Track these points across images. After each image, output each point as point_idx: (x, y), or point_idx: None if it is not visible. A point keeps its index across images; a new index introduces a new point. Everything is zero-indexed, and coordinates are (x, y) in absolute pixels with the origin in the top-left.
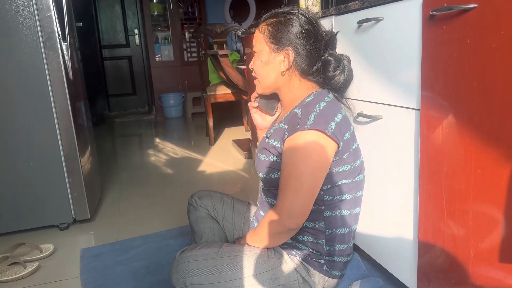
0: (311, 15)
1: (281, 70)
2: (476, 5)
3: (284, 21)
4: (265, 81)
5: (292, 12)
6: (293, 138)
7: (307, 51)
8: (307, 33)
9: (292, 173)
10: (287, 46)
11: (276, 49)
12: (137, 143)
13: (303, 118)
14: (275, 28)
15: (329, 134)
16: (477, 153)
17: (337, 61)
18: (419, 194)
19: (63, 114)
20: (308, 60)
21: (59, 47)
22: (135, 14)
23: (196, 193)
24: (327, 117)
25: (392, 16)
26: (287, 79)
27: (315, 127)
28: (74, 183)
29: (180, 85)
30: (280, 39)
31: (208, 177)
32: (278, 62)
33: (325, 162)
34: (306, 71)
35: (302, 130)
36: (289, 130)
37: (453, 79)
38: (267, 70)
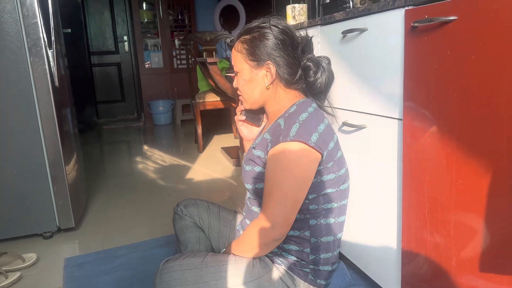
0: (283, 25)
1: (266, 85)
2: (456, 17)
3: (258, 36)
4: (251, 97)
5: (264, 26)
6: (276, 149)
7: (286, 61)
8: (283, 43)
9: (276, 184)
10: (267, 60)
11: (256, 66)
12: (125, 150)
13: (286, 129)
14: (250, 45)
15: (312, 145)
16: (458, 163)
17: (316, 64)
18: (402, 203)
19: (48, 122)
20: (289, 69)
21: (45, 54)
22: (125, 21)
23: (182, 202)
24: (309, 127)
25: (376, 27)
26: (272, 92)
27: (298, 139)
28: (58, 191)
29: (169, 92)
30: (258, 55)
31: (196, 185)
32: (261, 77)
33: (308, 173)
34: (290, 80)
35: (285, 142)
36: (273, 141)
37: (435, 90)
38: (251, 87)
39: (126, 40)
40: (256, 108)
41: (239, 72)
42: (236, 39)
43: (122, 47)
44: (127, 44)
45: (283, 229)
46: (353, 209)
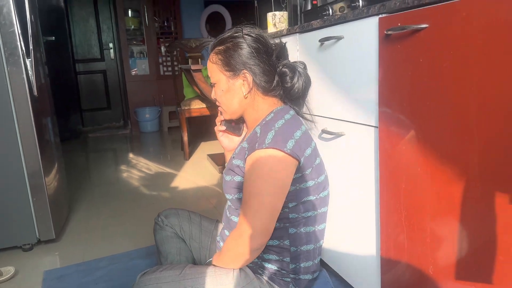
0: (256, 33)
1: (243, 94)
2: (427, 25)
3: (232, 46)
4: (230, 107)
5: (237, 35)
6: (252, 157)
7: (262, 68)
8: (257, 51)
9: (252, 192)
10: (242, 69)
11: (233, 75)
12: (110, 158)
13: (262, 137)
14: (225, 56)
15: (287, 152)
16: (432, 170)
17: (292, 70)
18: (380, 211)
19: (26, 131)
20: (266, 77)
21: (23, 63)
22: (110, 28)
23: (163, 212)
24: (285, 134)
25: (351, 34)
26: (250, 101)
27: (273, 146)
28: (38, 202)
29: (156, 99)
30: (233, 65)
31: (181, 193)
32: (238, 87)
33: (284, 180)
34: (267, 87)
35: (260, 149)
36: (249, 149)
37: (408, 98)
38: (229, 98)
39: (112, 47)
40: (236, 118)
41: (216, 83)
42: (210, 50)
43: (108, 54)
44: (112, 52)
45: (263, 239)
46: (333, 216)
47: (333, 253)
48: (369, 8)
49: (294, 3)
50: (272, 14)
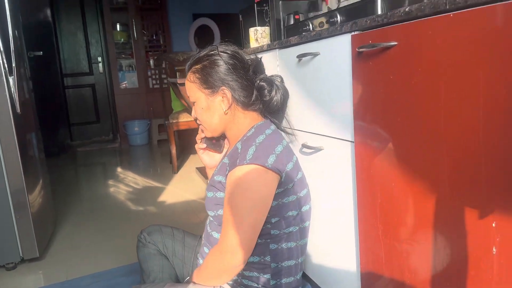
0: (232, 50)
1: (223, 110)
2: (396, 43)
3: (208, 64)
4: (211, 125)
5: (213, 53)
6: (233, 173)
7: (240, 84)
8: (234, 67)
9: (233, 208)
10: (221, 86)
11: (211, 93)
12: (99, 172)
13: (243, 153)
14: (202, 74)
15: (268, 167)
16: (405, 185)
17: (269, 84)
18: (359, 225)
19: (9, 149)
20: (244, 91)
21: (5, 81)
22: (99, 42)
23: (146, 229)
24: (266, 149)
25: (327, 51)
26: (231, 117)
27: (254, 161)
28: (21, 220)
29: (145, 112)
30: (211, 82)
31: (169, 207)
32: (217, 104)
33: (266, 196)
34: (247, 102)
35: (241, 165)
36: (230, 165)
37: (381, 113)
38: (209, 115)
39: (101, 61)
40: (218, 135)
41: (195, 102)
42: (187, 70)
43: (97, 68)
44: (101, 65)
45: (243, 255)
46: (316, 230)
47: (316, 267)
48: (342, 26)
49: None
50: (254, 29)
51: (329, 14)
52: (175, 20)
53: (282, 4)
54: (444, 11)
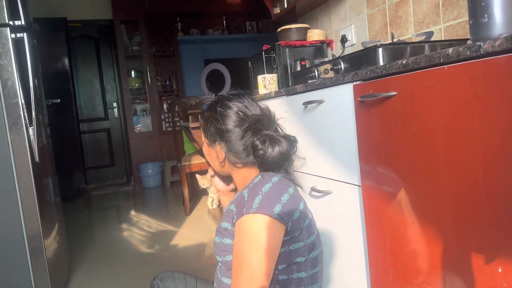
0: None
1: (219, 161)
2: (395, 92)
3: (209, 118)
4: (214, 168)
5: (214, 108)
6: (240, 222)
7: (233, 144)
8: (229, 128)
9: (243, 259)
10: (216, 141)
11: (210, 144)
12: (112, 216)
13: (249, 201)
14: (204, 125)
15: (274, 217)
16: (412, 229)
17: (263, 142)
18: (370, 269)
19: (27, 196)
20: (237, 153)
21: (25, 131)
22: (114, 88)
23: (158, 275)
24: (272, 199)
25: (331, 99)
26: (229, 167)
27: (260, 211)
28: (37, 267)
29: (158, 154)
30: (209, 136)
31: (181, 251)
32: (215, 154)
33: (274, 245)
34: (239, 161)
35: (248, 214)
36: (237, 213)
37: (385, 159)
38: (210, 159)
39: (116, 106)
40: (226, 175)
41: (203, 143)
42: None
43: (112, 113)
44: (116, 110)
45: None
46: (326, 274)
47: None
48: (344, 76)
49: (284, 63)
50: (262, 76)
51: (333, 62)
52: (187, 66)
53: (289, 51)
54: (438, 64)
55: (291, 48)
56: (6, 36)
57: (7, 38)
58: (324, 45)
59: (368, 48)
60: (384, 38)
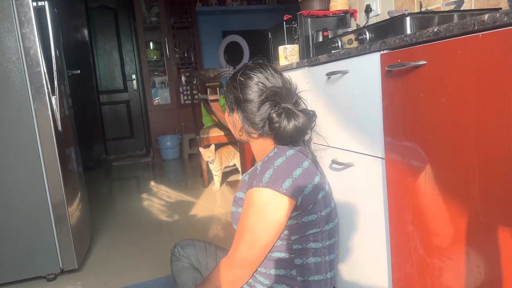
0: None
1: (237, 130)
2: (425, 62)
3: (230, 86)
4: (235, 135)
5: (236, 77)
6: (249, 193)
7: (249, 115)
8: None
9: (246, 226)
10: (234, 110)
11: (230, 112)
12: (133, 186)
13: (260, 175)
14: (226, 92)
15: (283, 192)
16: (437, 202)
17: (279, 115)
18: (390, 242)
19: (51, 165)
20: (253, 124)
21: (48, 100)
22: (133, 60)
23: (179, 243)
24: (283, 173)
25: (356, 69)
26: (247, 136)
27: (269, 186)
28: (62, 233)
29: (176, 127)
30: (228, 103)
31: (199, 221)
32: (234, 121)
33: (278, 219)
34: (255, 132)
35: (257, 187)
36: (249, 184)
37: (411, 131)
38: (231, 125)
39: (135, 78)
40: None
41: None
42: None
43: (131, 85)
44: (135, 83)
45: (249, 270)
46: (346, 245)
47: (347, 283)
48: (371, 45)
49: (306, 34)
50: (283, 47)
51: (358, 31)
52: (205, 38)
53: (311, 21)
54: (472, 32)
55: (313, 18)
56: (28, 4)
57: (28, 7)
58: (348, 15)
59: (395, 17)
60: (411, 8)
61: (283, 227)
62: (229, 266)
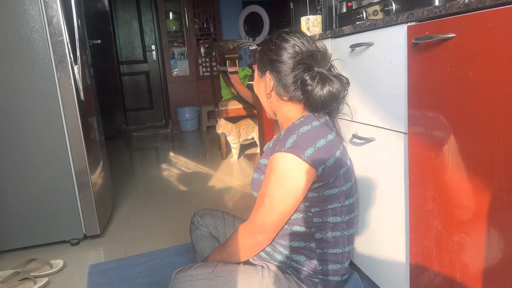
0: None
1: (266, 92)
2: (454, 34)
3: (263, 49)
4: (262, 102)
5: (270, 40)
6: (272, 158)
7: (283, 75)
8: (282, 58)
9: (267, 191)
10: (267, 70)
11: (261, 75)
12: (152, 156)
13: (283, 140)
14: (259, 55)
15: (304, 159)
16: (459, 178)
17: (313, 78)
18: (409, 217)
19: (74, 133)
20: (285, 86)
21: (71, 70)
22: (152, 31)
23: (199, 212)
24: (306, 141)
25: (381, 41)
26: (275, 101)
27: (291, 151)
28: (84, 200)
29: (195, 99)
30: (261, 63)
31: (217, 192)
32: (263, 84)
33: (299, 186)
34: (286, 94)
35: (280, 152)
36: (272, 150)
37: (436, 105)
38: (258, 90)
39: (154, 49)
40: (271, 114)
41: (255, 74)
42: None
43: (150, 56)
44: (155, 53)
45: (270, 235)
46: (364, 220)
47: (365, 257)
48: (398, 16)
49: (329, 5)
50: (306, 18)
51: (384, 2)
52: (225, 8)
53: None
54: (506, 3)
55: None
56: None
57: None
58: None
59: None
60: None
61: (303, 195)
62: (249, 231)
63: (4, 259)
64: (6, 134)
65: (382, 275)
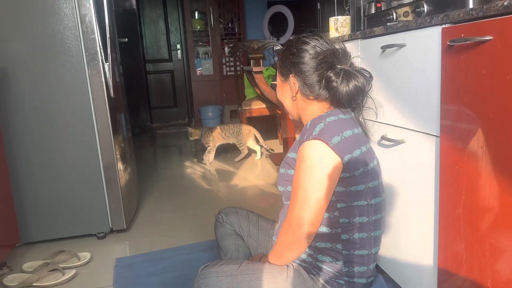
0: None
1: (291, 95)
2: (491, 37)
3: (285, 52)
4: (286, 107)
5: (291, 42)
6: (301, 149)
7: (306, 77)
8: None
9: (299, 183)
10: (291, 74)
11: (284, 78)
12: (176, 154)
13: (310, 129)
14: (281, 58)
15: (330, 145)
16: (493, 183)
17: (337, 75)
18: (439, 221)
19: (103, 129)
20: (310, 86)
21: (102, 67)
22: (178, 30)
23: (223, 210)
24: (333, 129)
25: (414, 43)
26: (301, 102)
27: (318, 137)
28: (112, 195)
29: (218, 98)
30: (284, 68)
31: (240, 191)
32: (288, 89)
33: (329, 174)
34: (312, 93)
35: (307, 140)
36: (300, 141)
37: (470, 109)
38: (283, 97)
39: (179, 48)
40: (296, 117)
41: (278, 79)
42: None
43: (175, 55)
44: (180, 52)
45: (309, 228)
46: (391, 223)
47: (390, 260)
48: (432, 18)
49: (358, 5)
50: (334, 18)
51: (415, 4)
52: (250, 8)
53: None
54: None
55: None
56: None
57: None
58: None
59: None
60: None
61: (334, 184)
62: (288, 226)
63: (34, 249)
64: (39, 129)
65: (407, 279)
